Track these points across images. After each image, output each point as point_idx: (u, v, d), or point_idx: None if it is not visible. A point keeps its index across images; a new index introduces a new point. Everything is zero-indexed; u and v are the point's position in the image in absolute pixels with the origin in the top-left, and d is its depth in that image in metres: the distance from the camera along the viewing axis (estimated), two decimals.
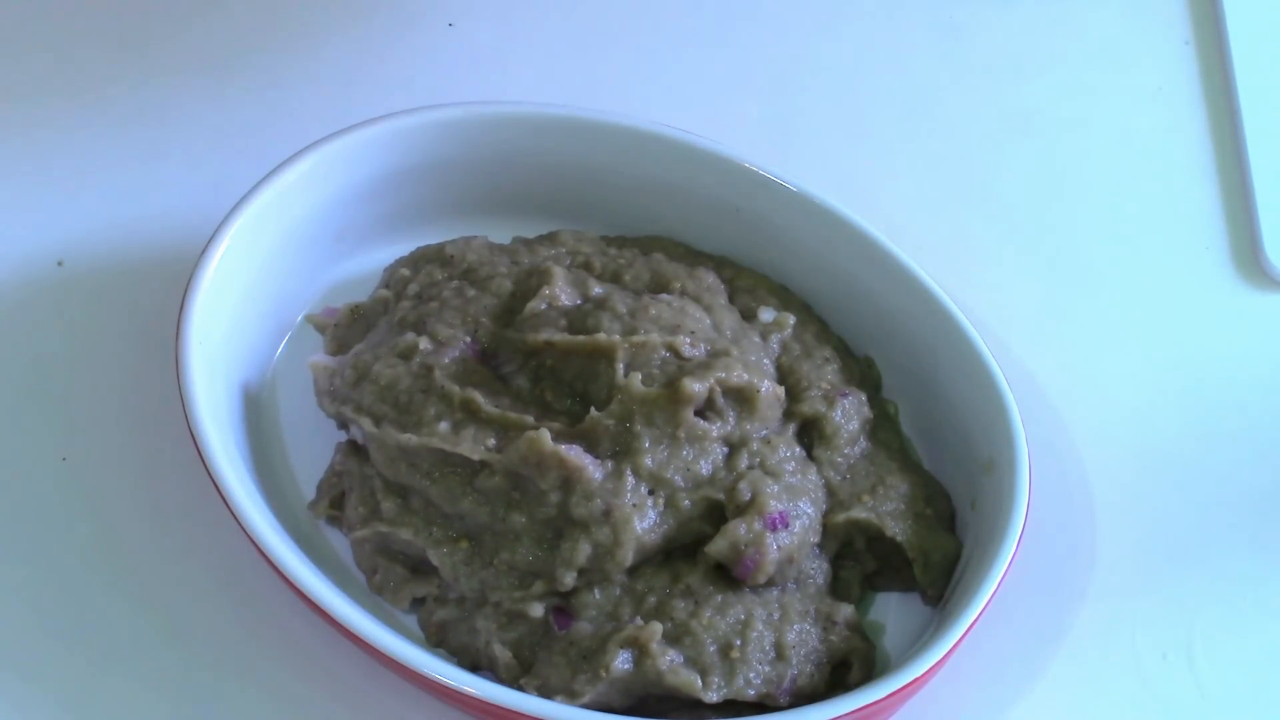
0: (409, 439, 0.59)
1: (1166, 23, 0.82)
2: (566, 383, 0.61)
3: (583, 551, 0.58)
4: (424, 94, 0.70)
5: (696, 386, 0.59)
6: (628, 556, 0.58)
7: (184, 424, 0.59)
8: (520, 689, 0.57)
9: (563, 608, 0.58)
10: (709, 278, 0.66)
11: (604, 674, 0.56)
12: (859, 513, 0.61)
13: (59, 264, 0.70)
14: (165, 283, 0.67)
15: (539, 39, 0.80)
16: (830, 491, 0.62)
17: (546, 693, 0.56)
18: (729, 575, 0.59)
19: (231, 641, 0.61)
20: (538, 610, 0.58)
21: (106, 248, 0.70)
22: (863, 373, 0.66)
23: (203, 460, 0.59)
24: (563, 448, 0.58)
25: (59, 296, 0.69)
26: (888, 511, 0.61)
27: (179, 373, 0.60)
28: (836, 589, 0.61)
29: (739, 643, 0.57)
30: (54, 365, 0.67)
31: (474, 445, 0.59)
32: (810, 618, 0.59)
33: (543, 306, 0.62)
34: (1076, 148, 0.77)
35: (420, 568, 0.60)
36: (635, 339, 0.60)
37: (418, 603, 0.61)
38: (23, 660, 0.60)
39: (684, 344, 0.61)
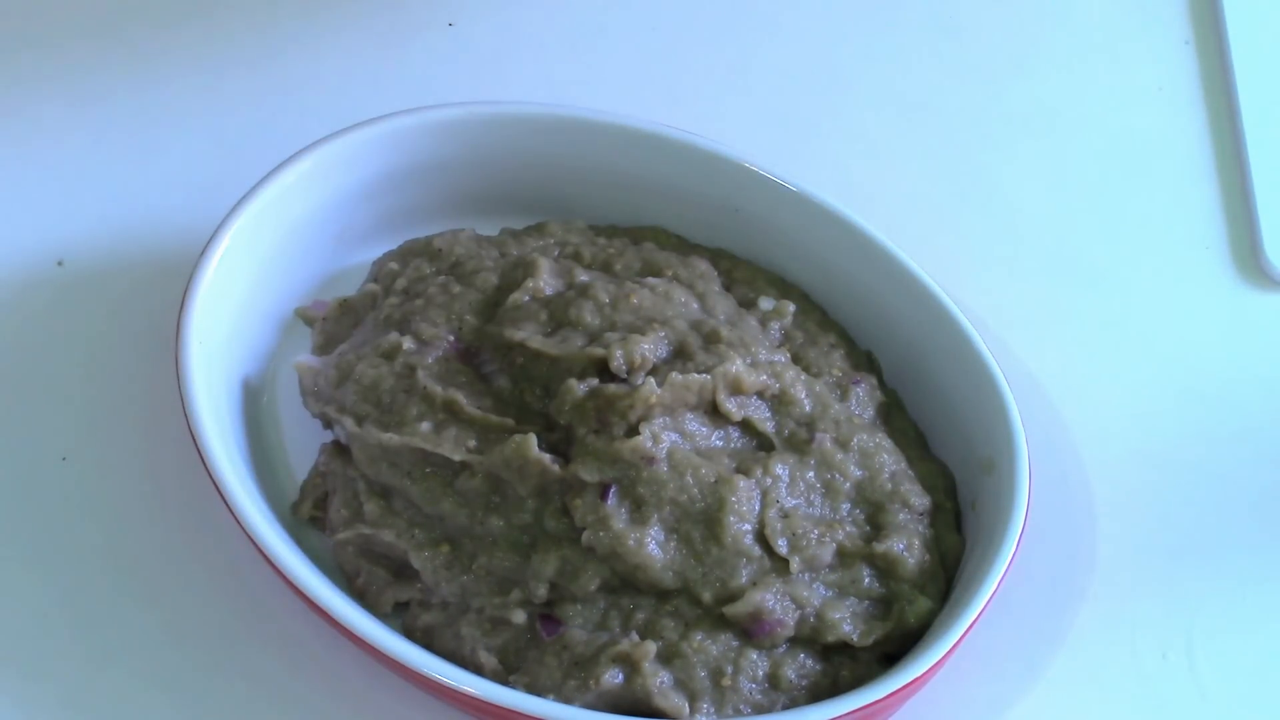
0: (390, 438, 0.59)
1: (1166, 23, 0.82)
2: (540, 383, 0.61)
3: (551, 565, 0.57)
4: (424, 94, 0.70)
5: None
6: (591, 581, 0.58)
7: (184, 424, 0.59)
8: (508, 685, 0.56)
9: (548, 615, 0.58)
10: (702, 265, 0.66)
11: (593, 685, 0.56)
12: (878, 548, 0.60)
13: (59, 264, 0.70)
14: (165, 283, 0.67)
15: (539, 39, 0.80)
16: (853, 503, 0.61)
17: (535, 690, 0.56)
18: None
19: (231, 641, 0.61)
20: (520, 617, 0.58)
21: (106, 248, 0.70)
22: (869, 358, 0.66)
23: (203, 460, 0.59)
24: (547, 457, 0.58)
25: (59, 296, 0.69)
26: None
27: (179, 373, 0.60)
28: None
29: (730, 670, 0.57)
30: (54, 365, 0.67)
31: (455, 446, 0.59)
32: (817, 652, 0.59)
33: (525, 299, 0.62)
34: (1076, 147, 0.77)
35: (403, 572, 0.60)
36: (595, 351, 0.59)
37: (400, 607, 0.60)
38: (24, 658, 0.60)
39: (645, 351, 0.59)
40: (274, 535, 0.58)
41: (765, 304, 0.65)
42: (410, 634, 0.59)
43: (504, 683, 0.57)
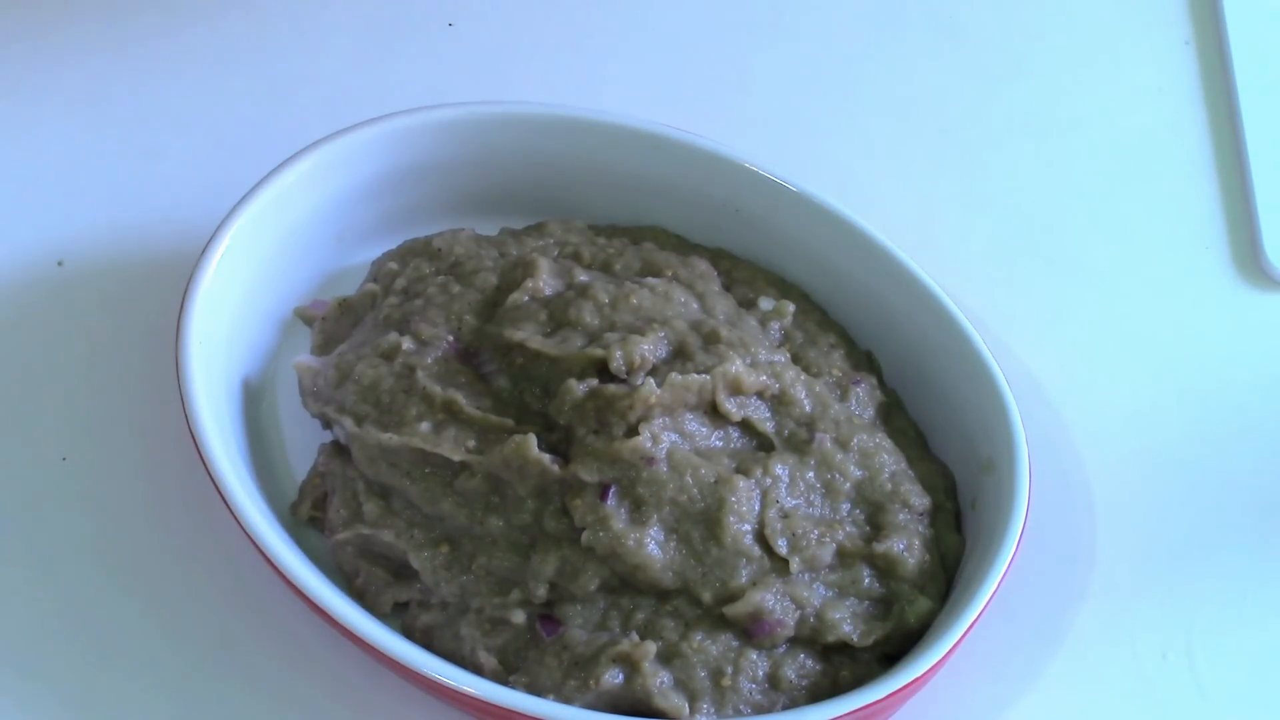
0: (390, 438, 0.59)
1: (1166, 23, 0.82)
2: (540, 383, 0.61)
3: (551, 565, 0.57)
4: (424, 94, 0.70)
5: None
6: (591, 581, 0.58)
7: (184, 424, 0.59)
8: (508, 685, 0.57)
9: (548, 615, 0.58)
10: (701, 265, 0.66)
11: (593, 684, 0.56)
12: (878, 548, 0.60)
13: (59, 264, 0.70)
14: (165, 283, 0.67)
15: (539, 39, 0.80)
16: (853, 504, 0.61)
17: (535, 691, 0.56)
18: None
19: (231, 641, 0.61)
20: (519, 617, 0.58)
21: (106, 248, 0.70)
22: (868, 359, 0.66)
23: (203, 460, 0.59)
24: (546, 457, 0.58)
25: (59, 296, 0.69)
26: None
27: (179, 373, 0.60)
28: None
29: (730, 670, 0.57)
30: (54, 365, 0.67)
31: (454, 446, 0.59)
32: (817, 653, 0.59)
33: (525, 299, 0.62)
34: (1076, 148, 0.77)
35: (402, 572, 0.60)
36: (594, 352, 0.59)
37: (400, 607, 0.60)
38: (23, 659, 0.60)
39: (645, 351, 0.59)
40: (274, 535, 0.58)
41: (765, 304, 0.65)
42: (410, 634, 0.59)
43: (504, 683, 0.57)
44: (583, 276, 0.63)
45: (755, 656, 0.57)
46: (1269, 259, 0.73)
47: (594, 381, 0.59)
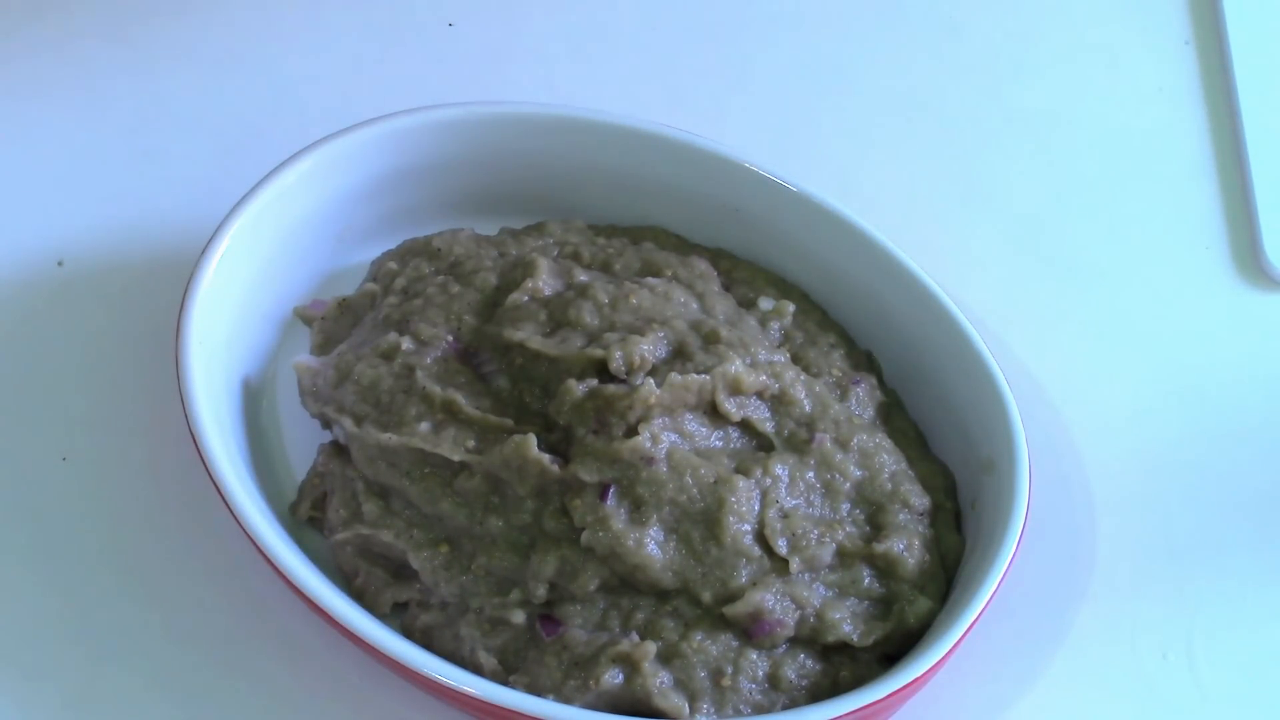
0: (389, 438, 0.59)
1: (1166, 23, 0.82)
2: (539, 383, 0.61)
3: (550, 565, 0.57)
4: (424, 94, 0.70)
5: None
6: (591, 581, 0.58)
7: (184, 424, 0.59)
8: (508, 685, 0.57)
9: (548, 615, 0.58)
10: (701, 265, 0.66)
11: (593, 685, 0.56)
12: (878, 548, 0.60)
13: (59, 264, 0.70)
14: (165, 283, 0.67)
15: (539, 39, 0.80)
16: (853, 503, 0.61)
17: (535, 691, 0.56)
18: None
19: (231, 641, 0.61)
20: (519, 617, 0.58)
21: (106, 248, 0.70)
22: (868, 359, 0.66)
23: (203, 460, 0.59)
24: (546, 457, 0.58)
25: (59, 296, 0.69)
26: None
27: (179, 373, 0.60)
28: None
29: (730, 670, 0.57)
30: (54, 365, 0.67)
31: (454, 446, 0.59)
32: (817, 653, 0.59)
33: (524, 299, 0.62)
34: (1077, 148, 0.77)
35: (401, 572, 0.60)
36: (594, 352, 0.59)
37: (399, 607, 0.60)
38: (24, 659, 0.60)
39: (645, 351, 0.59)
40: (274, 535, 0.58)
41: (765, 304, 0.65)
42: (409, 634, 0.59)
43: (504, 683, 0.57)
44: (582, 276, 0.63)
45: (755, 656, 0.57)
46: (1269, 259, 0.73)
47: (594, 381, 0.59)
